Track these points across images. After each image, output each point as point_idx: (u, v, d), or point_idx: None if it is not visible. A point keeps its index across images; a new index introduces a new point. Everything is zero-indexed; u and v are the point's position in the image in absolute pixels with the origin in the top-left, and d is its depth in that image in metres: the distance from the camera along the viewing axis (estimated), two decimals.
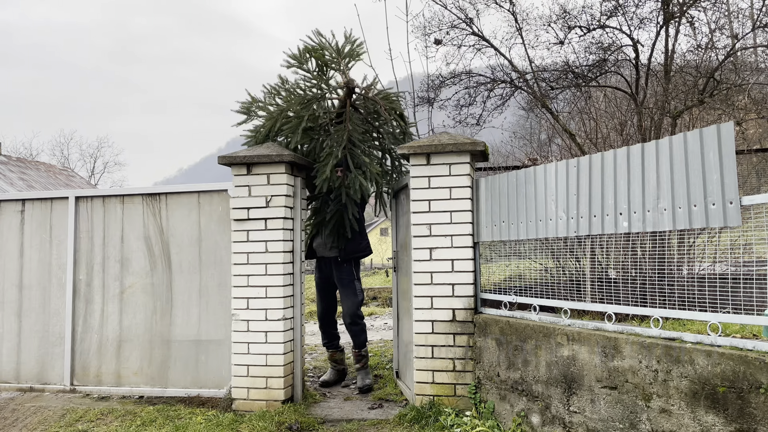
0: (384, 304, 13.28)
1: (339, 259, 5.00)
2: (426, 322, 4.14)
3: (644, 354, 2.77)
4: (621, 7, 7.44)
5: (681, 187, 2.80)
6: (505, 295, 3.92)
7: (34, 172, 21.88)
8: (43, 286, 5.20)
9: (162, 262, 4.96)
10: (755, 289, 2.55)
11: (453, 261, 4.13)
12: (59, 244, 5.19)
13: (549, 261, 4.21)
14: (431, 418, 3.89)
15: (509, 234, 3.90)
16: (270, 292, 4.44)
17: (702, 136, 2.70)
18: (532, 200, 3.74)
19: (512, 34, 8.17)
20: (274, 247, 4.44)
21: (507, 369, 3.70)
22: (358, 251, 5.05)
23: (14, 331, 5.22)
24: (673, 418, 2.63)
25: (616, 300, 3.19)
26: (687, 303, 2.86)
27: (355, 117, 4.87)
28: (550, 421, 3.32)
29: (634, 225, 3.05)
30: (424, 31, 8.38)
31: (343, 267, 5.04)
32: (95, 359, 5.03)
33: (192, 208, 4.93)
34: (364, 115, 5.00)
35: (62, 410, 4.54)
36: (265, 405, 4.37)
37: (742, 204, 2.56)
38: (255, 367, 4.43)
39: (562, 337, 3.24)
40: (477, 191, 4.21)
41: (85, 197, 5.18)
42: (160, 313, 4.92)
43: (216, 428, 4.01)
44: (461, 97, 8.81)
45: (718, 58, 7.29)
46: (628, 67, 7.83)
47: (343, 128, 4.73)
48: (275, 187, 4.48)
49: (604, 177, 3.24)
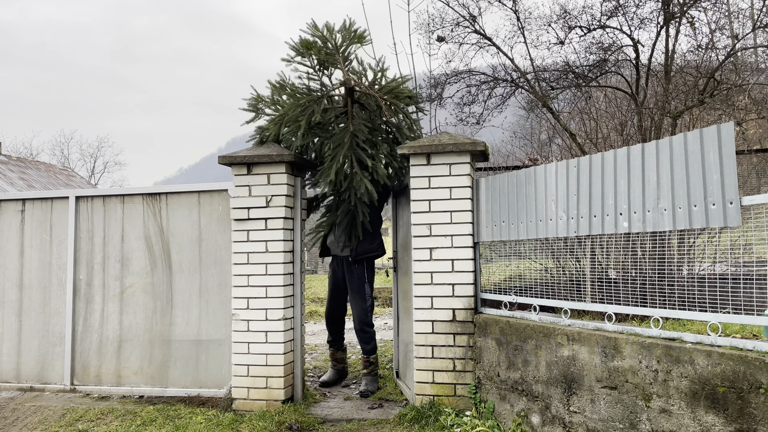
0: (384, 304, 13.28)
1: (350, 259, 4.90)
2: (426, 322, 4.14)
3: (644, 354, 2.77)
4: (621, 8, 7.44)
5: (681, 188, 2.80)
6: (505, 295, 3.92)
7: (35, 172, 21.88)
8: (44, 286, 5.20)
9: (162, 262, 4.96)
10: (755, 290, 2.55)
11: (453, 261, 4.13)
12: (59, 243, 5.19)
13: (549, 261, 4.21)
14: (431, 418, 3.89)
15: (509, 234, 3.90)
16: (270, 292, 4.44)
17: (702, 137, 2.70)
18: (533, 200, 3.74)
19: (514, 32, 8.18)
20: (275, 247, 4.44)
21: (507, 369, 3.70)
22: (370, 251, 4.90)
23: (14, 331, 5.22)
24: (673, 418, 2.63)
25: (616, 300, 3.19)
26: (687, 303, 2.86)
27: (360, 115, 4.64)
28: (550, 421, 3.32)
29: (634, 225, 3.05)
30: (428, 28, 8.38)
31: (354, 268, 4.93)
32: (95, 359, 5.03)
33: (192, 207, 4.93)
34: (370, 111, 4.70)
35: (62, 410, 4.55)
36: (266, 405, 4.37)
37: (742, 204, 2.56)
38: (255, 366, 4.43)
39: (562, 337, 3.24)
40: (477, 191, 4.21)
41: (86, 197, 5.18)
42: (160, 313, 4.93)
43: (216, 428, 4.01)
44: (463, 95, 8.82)
45: (719, 59, 7.29)
46: (629, 68, 7.83)
47: (345, 129, 4.54)
48: (275, 187, 4.48)
49: (605, 177, 3.24)
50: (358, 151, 4.48)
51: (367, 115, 4.67)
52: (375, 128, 4.67)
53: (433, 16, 8.67)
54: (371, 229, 4.82)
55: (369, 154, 4.47)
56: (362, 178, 4.41)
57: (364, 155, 4.44)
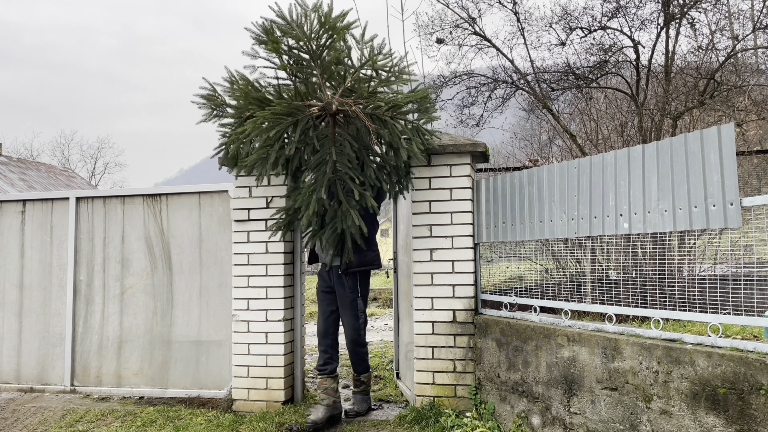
0: (384, 305, 13.28)
1: (340, 271, 4.22)
2: (426, 323, 4.14)
3: (645, 355, 2.77)
4: (622, 9, 7.45)
5: (681, 189, 2.80)
6: (506, 296, 3.92)
7: (35, 173, 21.89)
8: (44, 287, 5.20)
9: (162, 263, 4.96)
10: (756, 291, 2.55)
11: (453, 262, 4.13)
12: (60, 244, 5.19)
13: (549, 262, 4.21)
14: (431, 419, 3.89)
15: (510, 235, 3.90)
16: (270, 293, 4.44)
17: (702, 138, 2.70)
18: (533, 201, 3.74)
19: (514, 34, 8.20)
20: (275, 247, 4.44)
21: (507, 370, 3.70)
22: (365, 264, 4.18)
23: (15, 332, 5.22)
24: (673, 419, 2.63)
25: (616, 301, 3.19)
26: (687, 304, 2.86)
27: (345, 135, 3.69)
28: (551, 422, 3.32)
29: (634, 226, 3.05)
30: (426, 30, 8.40)
31: (345, 279, 4.21)
32: (96, 360, 5.03)
33: (193, 208, 4.93)
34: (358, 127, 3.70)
35: (62, 411, 4.55)
36: (266, 406, 4.37)
37: (743, 205, 2.56)
38: (255, 367, 4.43)
39: (563, 338, 3.24)
40: (477, 192, 4.21)
41: (86, 198, 5.18)
42: (160, 314, 4.93)
43: (216, 429, 4.01)
44: (463, 97, 8.83)
45: (719, 60, 7.29)
46: (629, 69, 7.84)
47: (327, 153, 3.62)
48: (276, 188, 4.48)
49: (605, 178, 3.24)
50: (345, 180, 3.68)
51: (354, 130, 3.72)
52: (363, 146, 3.76)
53: (432, 18, 8.69)
54: (365, 244, 4.10)
55: (356, 183, 3.65)
56: (349, 209, 3.68)
57: (352, 184, 3.65)
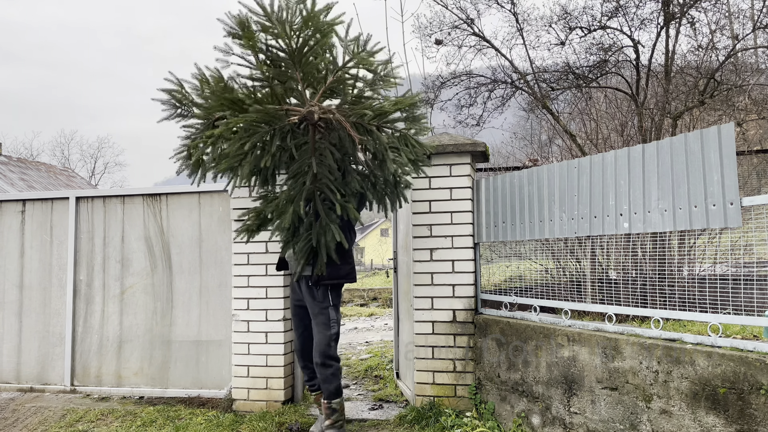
0: (384, 305, 13.29)
1: (310, 283, 3.78)
2: (426, 323, 4.14)
3: (645, 355, 2.77)
4: (622, 8, 7.45)
5: (681, 188, 2.80)
6: (506, 296, 3.92)
7: (35, 173, 21.88)
8: (44, 287, 5.20)
9: (162, 263, 4.96)
10: (756, 290, 2.55)
11: (453, 262, 4.13)
12: (60, 244, 5.19)
13: (549, 262, 4.21)
14: (431, 418, 3.89)
15: (510, 235, 3.90)
16: (270, 293, 4.44)
17: (702, 137, 2.70)
18: (533, 201, 3.74)
19: (513, 34, 8.21)
20: (275, 247, 4.44)
21: (507, 370, 3.70)
22: (337, 278, 3.76)
23: (15, 332, 5.22)
24: (673, 419, 2.63)
25: (616, 301, 3.19)
26: (687, 304, 2.86)
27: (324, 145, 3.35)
28: (551, 422, 3.32)
29: (634, 226, 3.05)
30: (425, 31, 8.41)
31: (315, 291, 3.78)
32: (96, 359, 5.03)
33: (192, 208, 4.93)
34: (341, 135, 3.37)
35: (62, 411, 4.55)
36: (266, 405, 4.37)
37: (743, 205, 2.56)
38: (255, 367, 4.43)
39: (563, 337, 3.24)
40: (477, 192, 4.21)
41: (86, 197, 5.18)
42: (160, 314, 4.93)
43: (216, 429, 4.01)
44: (462, 97, 8.84)
45: (719, 59, 7.29)
46: (629, 68, 7.84)
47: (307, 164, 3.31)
48: None
49: (605, 178, 3.24)
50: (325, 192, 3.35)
51: (336, 138, 3.39)
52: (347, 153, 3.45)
53: (431, 19, 8.69)
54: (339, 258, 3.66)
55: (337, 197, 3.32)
56: (328, 223, 3.37)
57: (333, 197, 3.33)
